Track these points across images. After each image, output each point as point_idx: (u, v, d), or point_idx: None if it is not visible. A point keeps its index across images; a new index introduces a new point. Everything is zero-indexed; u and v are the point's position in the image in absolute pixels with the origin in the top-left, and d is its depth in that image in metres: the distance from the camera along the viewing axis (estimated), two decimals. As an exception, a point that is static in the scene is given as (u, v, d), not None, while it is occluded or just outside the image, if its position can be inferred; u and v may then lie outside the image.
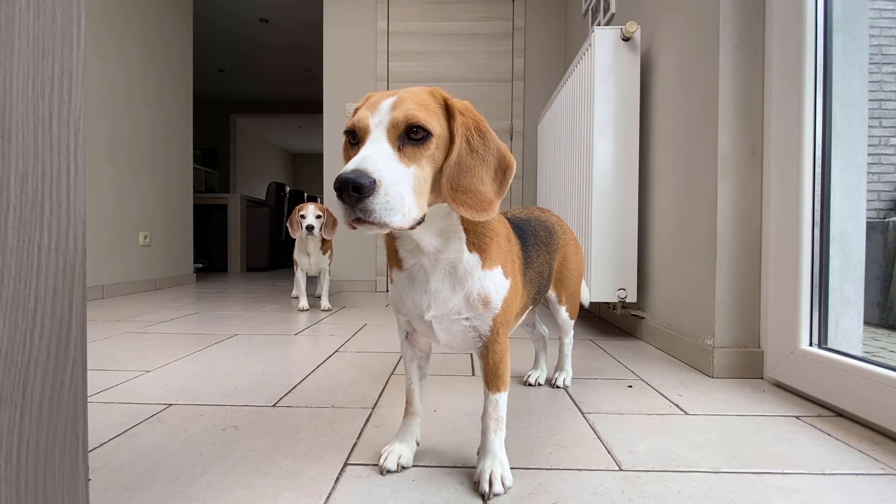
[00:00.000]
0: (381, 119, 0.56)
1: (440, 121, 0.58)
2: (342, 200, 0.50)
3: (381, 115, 0.56)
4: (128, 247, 2.95)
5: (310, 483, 0.68)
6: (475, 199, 0.58)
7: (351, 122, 0.58)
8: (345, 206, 0.51)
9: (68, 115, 0.41)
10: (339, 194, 0.50)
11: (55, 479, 0.40)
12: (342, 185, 0.49)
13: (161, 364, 1.31)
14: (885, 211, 2.04)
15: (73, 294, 0.42)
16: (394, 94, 0.58)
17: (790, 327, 1.12)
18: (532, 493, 0.66)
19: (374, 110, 0.56)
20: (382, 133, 0.55)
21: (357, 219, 0.51)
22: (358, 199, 0.49)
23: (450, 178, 0.57)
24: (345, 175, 0.49)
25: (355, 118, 0.57)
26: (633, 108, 1.64)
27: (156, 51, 3.17)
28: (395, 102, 0.56)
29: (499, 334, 0.69)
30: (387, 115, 0.55)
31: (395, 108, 0.56)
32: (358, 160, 0.52)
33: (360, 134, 0.57)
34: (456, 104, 0.60)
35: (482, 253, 0.66)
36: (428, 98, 0.59)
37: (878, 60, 1.99)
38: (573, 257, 1.06)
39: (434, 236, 0.63)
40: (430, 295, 0.66)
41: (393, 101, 0.56)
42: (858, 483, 0.70)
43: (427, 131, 0.56)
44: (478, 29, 3.11)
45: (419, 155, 0.56)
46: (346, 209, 0.51)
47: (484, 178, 0.59)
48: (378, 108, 0.56)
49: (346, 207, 0.51)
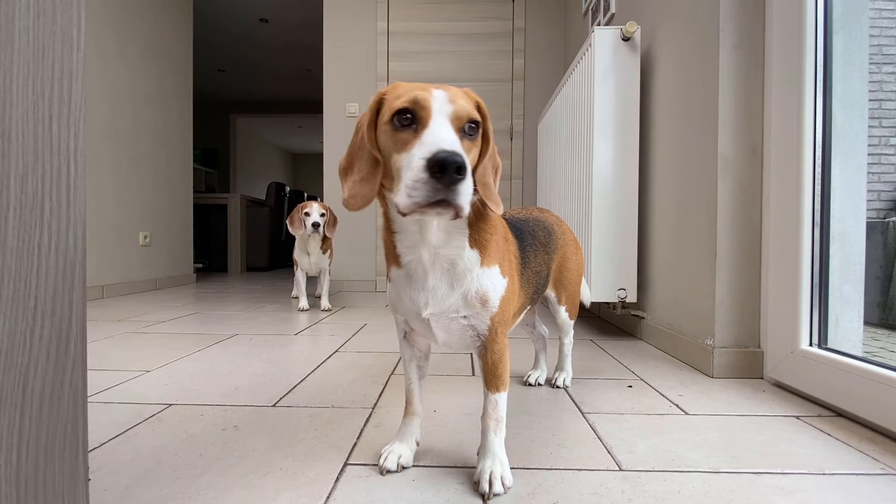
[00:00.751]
0: (441, 106, 0.56)
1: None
2: (436, 178, 0.49)
3: (440, 102, 0.56)
4: (128, 247, 2.95)
5: (310, 483, 0.68)
6: (492, 193, 0.63)
7: (409, 100, 0.56)
8: (436, 185, 0.50)
9: (68, 115, 0.41)
10: (436, 171, 0.49)
11: (55, 479, 0.40)
12: (445, 164, 0.49)
13: (161, 364, 1.31)
14: (885, 211, 2.04)
15: (73, 294, 0.42)
16: (438, 87, 0.58)
17: (790, 327, 1.12)
18: (532, 493, 0.66)
19: (429, 95, 0.56)
20: (446, 120, 0.56)
21: (440, 200, 0.51)
22: (456, 180, 0.49)
23: (481, 175, 0.62)
24: (446, 154, 0.49)
25: (415, 97, 0.56)
26: (633, 108, 1.64)
27: (156, 51, 3.17)
28: (450, 96, 0.57)
29: (497, 334, 0.69)
30: (447, 104, 0.56)
31: (452, 100, 0.57)
32: (449, 142, 0.51)
33: (420, 114, 0.56)
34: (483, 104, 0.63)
35: (482, 249, 0.67)
36: (468, 98, 0.61)
37: (878, 60, 1.99)
38: (573, 257, 1.06)
39: (441, 230, 0.64)
40: (428, 292, 0.66)
41: (447, 93, 0.57)
42: (858, 483, 0.70)
43: (477, 128, 0.59)
44: (478, 29, 3.11)
45: (469, 149, 0.58)
46: (437, 188, 0.50)
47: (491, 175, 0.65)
48: (433, 95, 0.57)
49: (436, 186, 0.50)
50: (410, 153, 0.54)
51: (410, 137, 0.55)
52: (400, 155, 0.56)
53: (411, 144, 0.54)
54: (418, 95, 0.56)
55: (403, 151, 0.55)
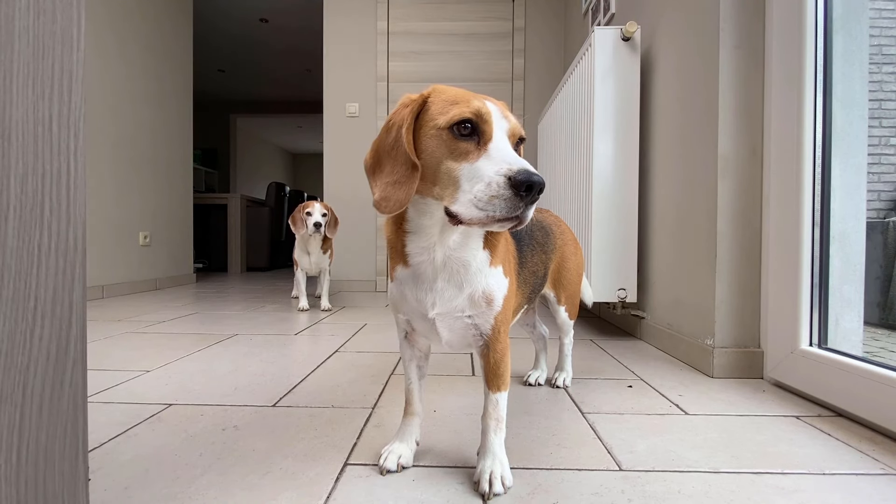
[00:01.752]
0: (499, 122, 0.57)
1: None
2: (520, 197, 0.52)
3: (498, 118, 0.57)
4: (128, 247, 2.95)
5: (310, 483, 0.68)
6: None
7: (473, 111, 0.56)
8: (517, 203, 0.52)
9: (68, 115, 0.41)
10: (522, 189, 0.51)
11: (55, 479, 0.40)
12: (533, 185, 0.51)
13: (161, 364, 1.31)
14: (885, 211, 2.04)
15: (73, 294, 0.42)
16: (486, 99, 0.59)
17: (790, 327, 1.12)
18: (532, 493, 0.66)
19: (489, 109, 0.57)
20: (505, 136, 0.57)
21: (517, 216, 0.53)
22: (536, 200, 0.53)
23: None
24: (537, 177, 0.51)
25: (480, 109, 0.56)
26: (633, 108, 1.64)
27: (156, 51, 3.17)
28: (502, 111, 0.59)
29: (500, 333, 0.69)
30: (503, 120, 0.58)
31: (505, 116, 0.58)
32: (521, 161, 0.53)
33: (483, 127, 0.56)
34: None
35: (492, 250, 0.68)
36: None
37: (878, 60, 1.99)
38: (572, 257, 1.06)
39: (459, 233, 0.64)
40: (436, 293, 0.66)
41: (498, 108, 0.59)
42: (858, 483, 0.70)
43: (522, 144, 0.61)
44: (478, 29, 3.11)
45: None
46: (517, 206, 0.52)
47: None
48: (490, 109, 0.57)
49: (518, 204, 0.52)
50: (475, 165, 0.55)
51: (472, 149, 0.56)
52: (459, 164, 0.56)
53: (474, 156, 0.55)
54: (481, 108, 0.57)
55: (464, 161, 0.56)
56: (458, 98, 0.58)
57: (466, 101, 0.57)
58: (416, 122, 0.60)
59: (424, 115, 0.60)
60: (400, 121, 0.60)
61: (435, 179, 0.58)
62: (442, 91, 0.60)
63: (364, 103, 3.18)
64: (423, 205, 0.62)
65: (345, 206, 3.19)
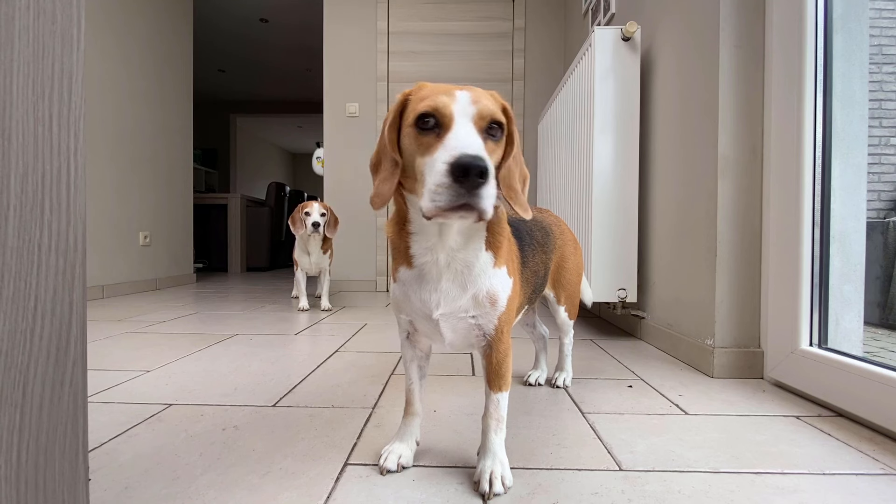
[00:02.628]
0: (464, 109, 0.56)
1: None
2: (459, 182, 0.49)
3: (463, 105, 0.56)
4: (128, 247, 2.95)
5: (310, 483, 0.68)
6: (520, 198, 0.63)
7: (431, 104, 0.56)
8: (459, 190, 0.50)
9: (68, 115, 0.41)
10: (458, 176, 0.49)
11: (55, 479, 0.40)
12: (467, 168, 0.49)
13: (161, 364, 1.31)
14: (885, 211, 2.04)
15: (73, 294, 0.42)
16: (462, 88, 0.58)
17: (790, 327, 1.12)
18: (532, 493, 0.66)
19: (452, 98, 0.56)
20: (469, 122, 0.56)
21: (463, 205, 0.51)
22: (478, 184, 0.50)
23: (505, 176, 0.62)
24: (469, 159, 0.49)
25: (437, 102, 0.56)
26: (633, 108, 1.64)
27: (156, 51, 3.17)
28: (473, 97, 0.57)
29: (503, 333, 0.69)
30: (470, 106, 0.56)
31: (476, 101, 0.57)
32: (472, 146, 0.51)
33: (442, 120, 0.56)
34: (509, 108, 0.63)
35: (496, 251, 0.67)
36: (493, 98, 0.61)
37: (878, 60, 1.99)
38: (571, 257, 1.06)
39: (460, 233, 0.64)
40: (441, 293, 0.66)
41: (470, 95, 0.57)
42: (858, 483, 0.70)
43: (502, 130, 0.59)
44: (478, 29, 3.11)
45: (492, 150, 0.58)
46: (460, 193, 0.50)
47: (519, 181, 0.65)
48: (456, 98, 0.57)
49: (459, 191, 0.50)
50: (434, 157, 0.54)
51: (433, 141, 0.56)
52: (423, 158, 0.56)
53: (434, 148, 0.55)
54: (440, 100, 0.56)
55: (427, 155, 0.55)
56: (430, 93, 0.58)
57: (433, 96, 0.57)
58: (401, 120, 0.61)
59: (405, 113, 0.60)
60: (386, 119, 0.62)
61: (413, 176, 0.59)
62: (420, 88, 0.61)
63: (364, 103, 3.18)
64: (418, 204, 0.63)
65: (345, 206, 3.19)
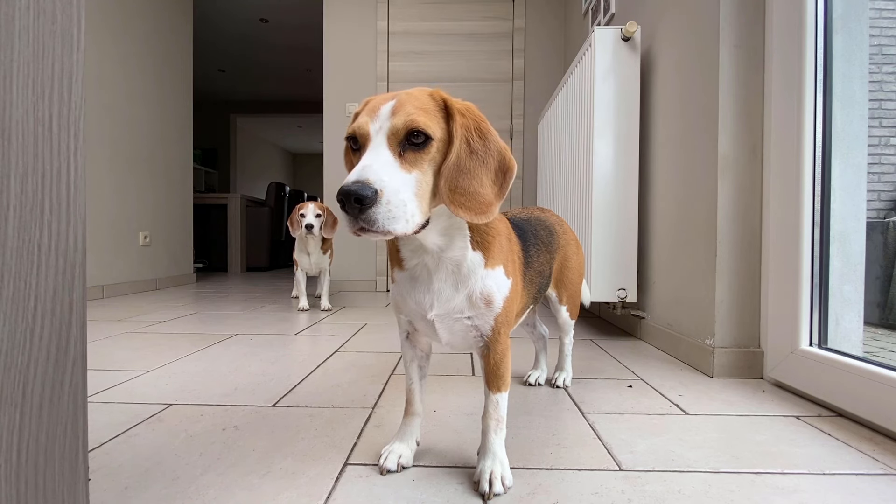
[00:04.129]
0: (381, 125, 0.55)
1: (440, 123, 0.57)
2: (345, 211, 0.51)
3: (381, 120, 0.55)
4: (128, 247, 2.95)
5: (310, 483, 0.68)
6: (473, 201, 0.57)
7: (351, 128, 0.57)
8: (348, 217, 0.51)
9: (68, 115, 0.41)
10: (342, 206, 0.51)
11: (55, 479, 0.40)
12: (345, 197, 0.50)
13: (161, 364, 1.31)
14: (885, 211, 2.04)
15: (73, 294, 0.42)
16: (393, 98, 0.57)
17: (790, 327, 1.12)
18: (532, 493, 0.66)
19: (373, 116, 0.56)
20: (383, 140, 0.55)
21: (361, 228, 0.52)
22: (361, 209, 0.50)
23: (448, 179, 0.56)
24: (346, 187, 0.50)
25: (355, 125, 0.57)
26: (633, 108, 1.64)
27: (156, 51, 3.16)
28: (394, 107, 0.55)
29: (500, 334, 0.69)
30: (387, 121, 0.55)
31: (394, 113, 0.55)
32: (359, 170, 0.52)
33: (361, 140, 0.57)
34: (456, 105, 0.59)
35: (485, 251, 0.67)
36: (427, 100, 0.58)
37: (878, 60, 1.98)
38: (574, 257, 1.06)
39: (438, 235, 0.63)
40: (433, 294, 0.66)
41: (392, 105, 0.56)
42: (858, 483, 0.70)
43: (427, 135, 0.55)
44: (478, 29, 3.11)
45: (420, 160, 0.55)
46: (350, 219, 0.51)
47: (483, 179, 0.58)
48: (378, 114, 0.56)
49: (349, 218, 0.51)
50: None
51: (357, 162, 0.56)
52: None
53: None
54: (360, 121, 0.57)
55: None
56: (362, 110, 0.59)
57: (361, 114, 0.58)
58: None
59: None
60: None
61: None
62: (364, 103, 0.60)
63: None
64: None
65: (345, 206, 3.19)
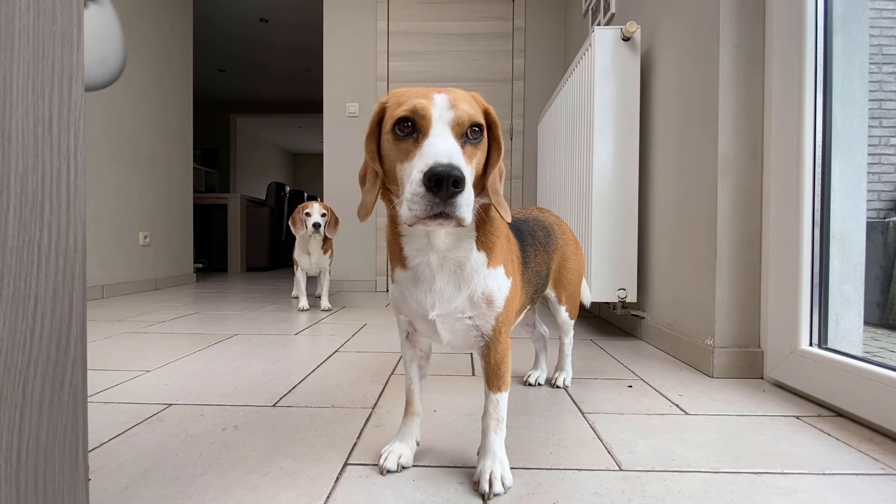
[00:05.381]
0: (441, 113, 0.55)
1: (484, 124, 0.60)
2: (433, 192, 0.49)
3: (441, 109, 0.55)
4: (128, 247, 2.95)
5: (310, 483, 0.68)
6: (503, 200, 0.63)
7: (408, 109, 0.55)
8: (433, 199, 0.50)
9: (68, 115, 0.41)
10: (432, 185, 0.49)
11: (55, 479, 0.40)
12: (442, 178, 0.48)
13: (161, 364, 1.31)
14: (885, 211, 2.04)
15: (73, 294, 0.42)
16: (439, 91, 0.58)
17: (790, 327, 1.12)
18: (532, 493, 0.66)
19: (430, 102, 0.56)
20: (446, 128, 0.55)
21: (440, 213, 0.50)
22: (453, 193, 0.49)
23: (493, 179, 0.62)
24: (447, 169, 0.48)
25: (415, 105, 0.55)
26: (633, 108, 1.64)
27: (156, 51, 3.16)
28: (451, 100, 0.56)
29: (501, 333, 0.69)
30: (448, 110, 0.55)
31: (454, 105, 0.56)
32: (447, 153, 0.51)
33: (420, 124, 0.55)
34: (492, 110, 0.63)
35: (489, 252, 0.67)
36: (474, 101, 0.60)
37: (878, 60, 1.98)
38: (573, 257, 1.06)
39: (449, 234, 0.64)
40: (436, 294, 0.66)
41: (448, 98, 0.56)
42: (858, 483, 0.70)
43: (482, 133, 0.58)
44: (477, 29, 3.11)
45: (473, 154, 0.58)
46: (434, 202, 0.50)
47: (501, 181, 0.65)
48: (434, 102, 0.56)
49: (434, 201, 0.50)
50: (411, 164, 0.54)
51: (412, 147, 0.55)
52: (403, 165, 0.56)
53: (412, 154, 0.54)
54: (417, 103, 0.55)
55: (406, 161, 0.55)
56: (406, 97, 0.58)
57: (409, 99, 0.56)
58: (380, 129, 0.61)
59: (384, 121, 0.60)
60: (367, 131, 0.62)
61: (395, 182, 0.59)
62: (396, 94, 0.60)
63: (364, 103, 3.18)
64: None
65: (345, 206, 3.19)
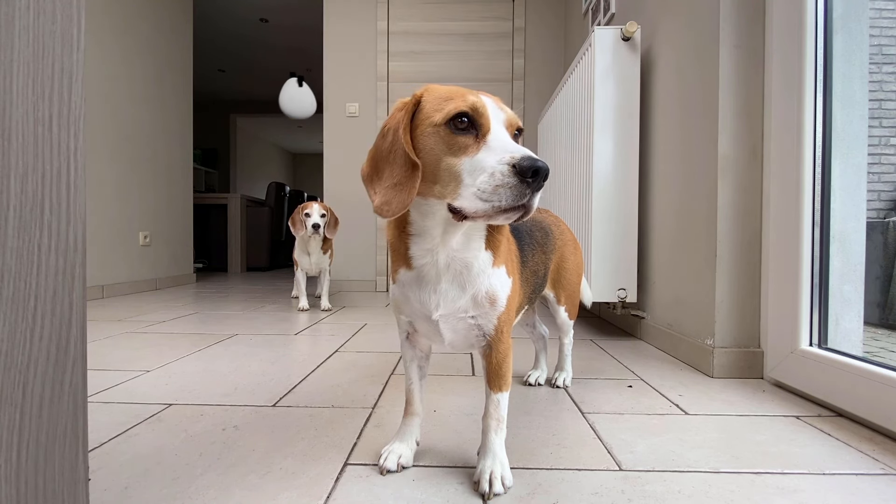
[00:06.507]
0: (496, 114, 0.58)
1: None
2: (527, 183, 0.52)
3: (494, 110, 0.58)
4: (128, 247, 2.95)
5: (310, 483, 0.68)
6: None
7: (468, 105, 0.56)
8: (524, 190, 0.52)
9: (68, 115, 0.41)
10: (528, 176, 0.51)
11: (55, 478, 0.40)
12: (541, 171, 0.51)
13: (161, 364, 1.31)
14: (885, 211, 2.04)
15: (73, 294, 0.42)
16: (480, 92, 0.60)
17: (790, 327, 1.12)
18: (532, 493, 0.66)
19: (483, 102, 0.58)
20: (503, 127, 0.57)
21: (523, 205, 0.53)
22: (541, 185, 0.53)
23: None
24: (542, 162, 0.52)
25: (475, 103, 0.57)
26: (633, 108, 1.64)
27: (156, 51, 3.16)
28: (497, 103, 0.59)
29: (503, 333, 0.69)
30: (499, 111, 0.58)
31: (501, 108, 0.59)
32: (526, 150, 0.54)
33: (480, 121, 0.57)
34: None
35: (494, 250, 0.67)
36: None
37: (878, 60, 1.98)
38: (571, 257, 1.06)
39: (462, 234, 0.64)
40: (440, 294, 0.66)
41: (494, 101, 0.59)
42: (858, 483, 0.70)
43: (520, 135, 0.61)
44: (478, 29, 3.11)
45: None
46: (524, 193, 0.52)
47: None
48: (487, 103, 0.58)
49: (524, 191, 0.52)
50: (476, 158, 0.55)
51: (471, 142, 0.56)
52: (459, 159, 0.56)
53: (473, 149, 0.55)
54: (476, 101, 0.57)
55: (464, 155, 0.56)
56: (453, 94, 0.59)
57: (461, 96, 0.58)
58: (412, 122, 0.60)
59: (419, 114, 0.60)
60: (395, 124, 0.60)
61: (435, 178, 0.58)
62: (435, 90, 0.61)
63: (364, 103, 3.18)
64: (425, 206, 0.62)
65: (345, 207, 3.19)
